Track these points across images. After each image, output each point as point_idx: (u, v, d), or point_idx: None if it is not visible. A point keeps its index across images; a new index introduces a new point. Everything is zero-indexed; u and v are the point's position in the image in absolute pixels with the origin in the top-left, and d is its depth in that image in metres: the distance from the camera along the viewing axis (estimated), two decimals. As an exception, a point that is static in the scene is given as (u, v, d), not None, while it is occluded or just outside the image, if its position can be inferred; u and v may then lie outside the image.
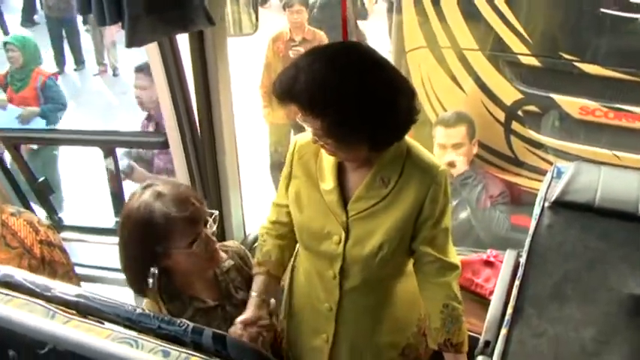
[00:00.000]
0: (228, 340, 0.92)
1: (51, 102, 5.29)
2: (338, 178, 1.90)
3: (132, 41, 1.85)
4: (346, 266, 1.92)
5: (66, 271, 2.41)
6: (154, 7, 1.88)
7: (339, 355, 2.04)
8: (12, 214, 2.36)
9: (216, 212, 1.92)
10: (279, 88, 1.73)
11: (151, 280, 1.84)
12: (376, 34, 7.78)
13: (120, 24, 1.83)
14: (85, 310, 1.00)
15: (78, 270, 3.01)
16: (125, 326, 0.97)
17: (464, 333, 1.95)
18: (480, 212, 3.49)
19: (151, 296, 1.93)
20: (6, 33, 10.85)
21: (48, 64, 9.31)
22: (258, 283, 2.04)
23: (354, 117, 1.68)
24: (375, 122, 1.71)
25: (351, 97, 1.66)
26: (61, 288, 1.02)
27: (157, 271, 1.86)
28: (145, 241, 1.82)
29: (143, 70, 3.79)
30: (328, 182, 1.90)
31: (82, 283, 2.63)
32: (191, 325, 0.94)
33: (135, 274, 1.91)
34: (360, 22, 6.60)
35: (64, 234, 3.09)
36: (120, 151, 3.38)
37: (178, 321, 0.95)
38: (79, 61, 9.89)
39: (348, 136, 1.73)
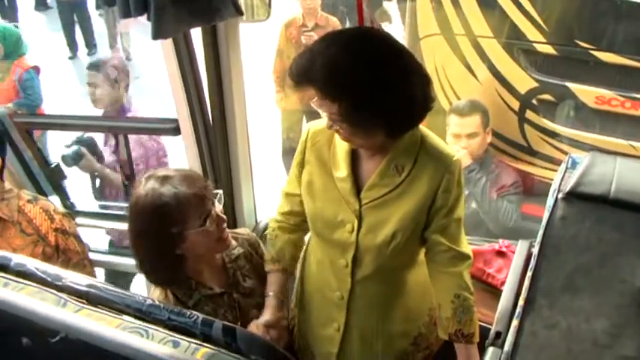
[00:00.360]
0: (238, 332, 0.92)
1: (25, 97, 5.09)
2: (352, 165, 1.89)
3: (158, 33, 1.84)
4: (359, 255, 1.91)
5: (80, 259, 2.43)
6: None
7: (350, 343, 2.04)
8: (29, 201, 2.38)
9: (220, 191, 1.92)
10: (296, 71, 1.71)
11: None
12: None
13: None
14: (96, 300, 1.00)
15: (90, 255, 3.04)
16: (135, 317, 0.97)
17: (475, 323, 1.95)
18: (487, 204, 3.47)
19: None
20: (15, 19, 10.90)
21: (61, 48, 9.38)
22: (275, 282, 2.07)
23: (369, 102, 1.67)
24: (391, 109, 1.70)
25: (365, 82, 1.65)
26: (72, 278, 1.02)
27: None
28: (160, 226, 1.81)
29: (96, 66, 3.76)
30: (342, 170, 1.89)
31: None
32: (201, 316, 0.94)
33: (153, 264, 1.90)
34: (386, 3, 6.49)
35: (77, 220, 3.10)
36: (72, 136, 3.38)
37: (188, 312, 0.95)
38: (91, 45, 9.83)
39: (364, 122, 1.71)
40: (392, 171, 1.85)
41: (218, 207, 1.89)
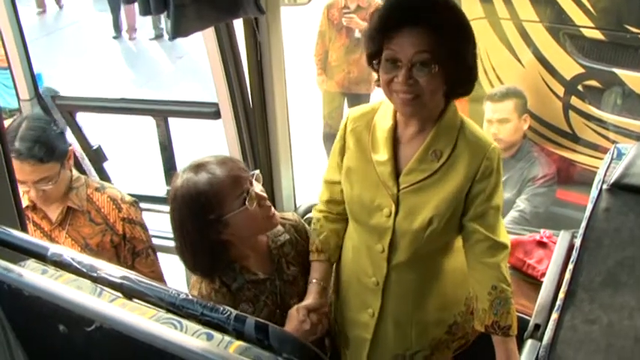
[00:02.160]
0: (271, 329, 0.92)
1: None
2: (392, 149, 1.89)
3: (177, 31, 1.86)
4: (395, 240, 1.90)
5: (144, 247, 2.48)
6: None
7: (385, 330, 2.04)
8: (96, 189, 2.43)
9: (257, 171, 1.92)
10: (398, 4, 1.78)
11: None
12: None
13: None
14: (130, 292, 1.01)
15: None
16: (168, 311, 0.98)
17: (512, 316, 1.92)
18: (518, 192, 3.44)
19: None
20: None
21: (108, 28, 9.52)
22: (319, 270, 2.07)
23: (462, 43, 1.76)
24: (464, 66, 1.78)
25: (465, 24, 1.78)
26: (107, 269, 1.03)
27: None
28: (199, 215, 1.82)
29: None
30: (382, 153, 1.89)
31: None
32: (234, 312, 0.94)
33: (195, 254, 1.90)
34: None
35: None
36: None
37: (221, 308, 0.95)
38: (132, 27, 9.91)
39: (449, 63, 1.74)
40: (430, 156, 1.84)
41: (257, 186, 1.89)
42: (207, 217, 1.81)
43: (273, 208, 1.93)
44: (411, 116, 1.86)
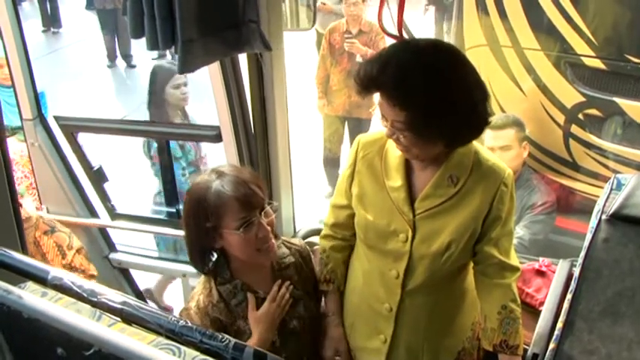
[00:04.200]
0: (270, 359, 0.92)
1: None
2: (405, 175, 1.89)
3: (185, 66, 1.88)
4: (411, 264, 1.91)
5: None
6: (207, 29, 1.90)
7: (397, 356, 2.03)
8: (45, 233, 2.41)
9: (275, 203, 1.93)
10: (365, 76, 1.71)
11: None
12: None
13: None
14: (129, 318, 1.01)
15: (129, 258, 3.10)
16: (167, 337, 0.98)
17: (520, 336, 1.94)
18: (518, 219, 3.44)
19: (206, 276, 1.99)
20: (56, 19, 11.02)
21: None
22: (332, 302, 2.11)
23: (437, 111, 1.68)
24: (456, 119, 1.71)
25: (435, 91, 1.66)
26: (108, 295, 1.03)
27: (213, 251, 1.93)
28: (197, 218, 1.85)
29: None
30: (395, 180, 1.89)
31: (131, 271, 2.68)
32: (233, 341, 0.94)
33: (193, 251, 1.95)
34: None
35: (117, 222, 3.18)
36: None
37: (220, 336, 0.95)
38: (127, 55, 9.65)
39: (428, 131, 1.72)
40: (447, 182, 1.85)
41: (267, 218, 1.90)
42: (204, 223, 1.84)
43: (274, 244, 1.93)
44: (412, 159, 1.88)
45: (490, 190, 1.84)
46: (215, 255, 1.97)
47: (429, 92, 1.65)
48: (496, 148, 3.37)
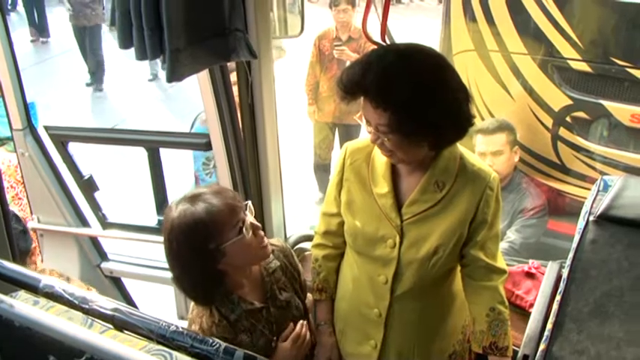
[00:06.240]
0: (260, 362, 0.93)
1: None
2: (392, 182, 1.91)
3: (173, 75, 1.89)
4: (400, 270, 1.92)
5: None
6: (194, 38, 1.92)
7: None
8: None
9: (249, 201, 1.93)
10: (348, 79, 1.73)
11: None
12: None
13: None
14: (121, 324, 1.01)
15: (120, 267, 3.09)
16: (158, 343, 0.99)
17: (509, 337, 1.96)
18: (510, 223, 3.48)
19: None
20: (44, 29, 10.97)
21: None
22: (324, 310, 2.15)
23: (420, 113, 1.69)
24: (440, 121, 1.72)
25: (418, 92, 1.67)
26: (99, 302, 1.04)
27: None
28: (197, 244, 1.81)
29: None
30: (382, 186, 1.91)
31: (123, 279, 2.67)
32: (223, 345, 0.95)
33: (197, 287, 1.90)
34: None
35: (108, 231, 3.18)
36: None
37: (210, 340, 0.96)
38: (97, 77, 9.28)
39: (412, 133, 1.73)
40: (433, 187, 1.87)
41: (250, 216, 1.90)
42: (206, 247, 1.81)
43: (265, 238, 1.94)
44: (397, 164, 1.89)
45: (476, 194, 1.87)
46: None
47: (411, 92, 1.67)
48: (488, 153, 3.39)
